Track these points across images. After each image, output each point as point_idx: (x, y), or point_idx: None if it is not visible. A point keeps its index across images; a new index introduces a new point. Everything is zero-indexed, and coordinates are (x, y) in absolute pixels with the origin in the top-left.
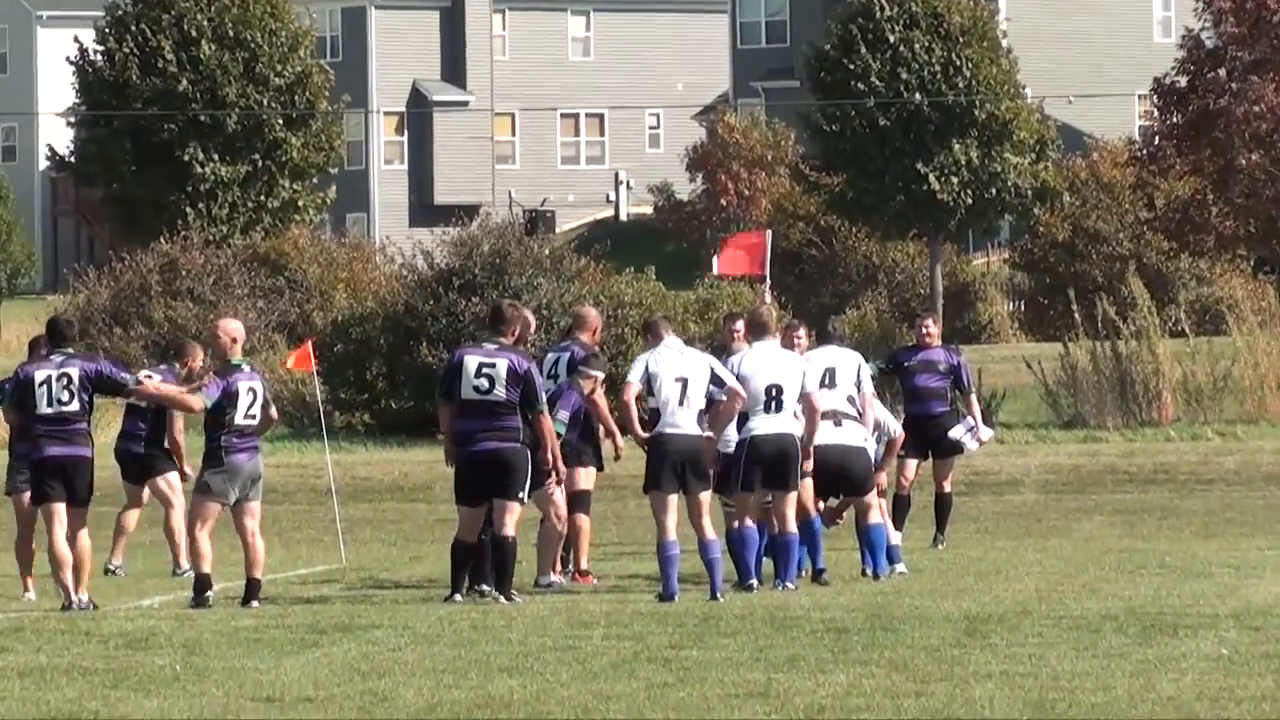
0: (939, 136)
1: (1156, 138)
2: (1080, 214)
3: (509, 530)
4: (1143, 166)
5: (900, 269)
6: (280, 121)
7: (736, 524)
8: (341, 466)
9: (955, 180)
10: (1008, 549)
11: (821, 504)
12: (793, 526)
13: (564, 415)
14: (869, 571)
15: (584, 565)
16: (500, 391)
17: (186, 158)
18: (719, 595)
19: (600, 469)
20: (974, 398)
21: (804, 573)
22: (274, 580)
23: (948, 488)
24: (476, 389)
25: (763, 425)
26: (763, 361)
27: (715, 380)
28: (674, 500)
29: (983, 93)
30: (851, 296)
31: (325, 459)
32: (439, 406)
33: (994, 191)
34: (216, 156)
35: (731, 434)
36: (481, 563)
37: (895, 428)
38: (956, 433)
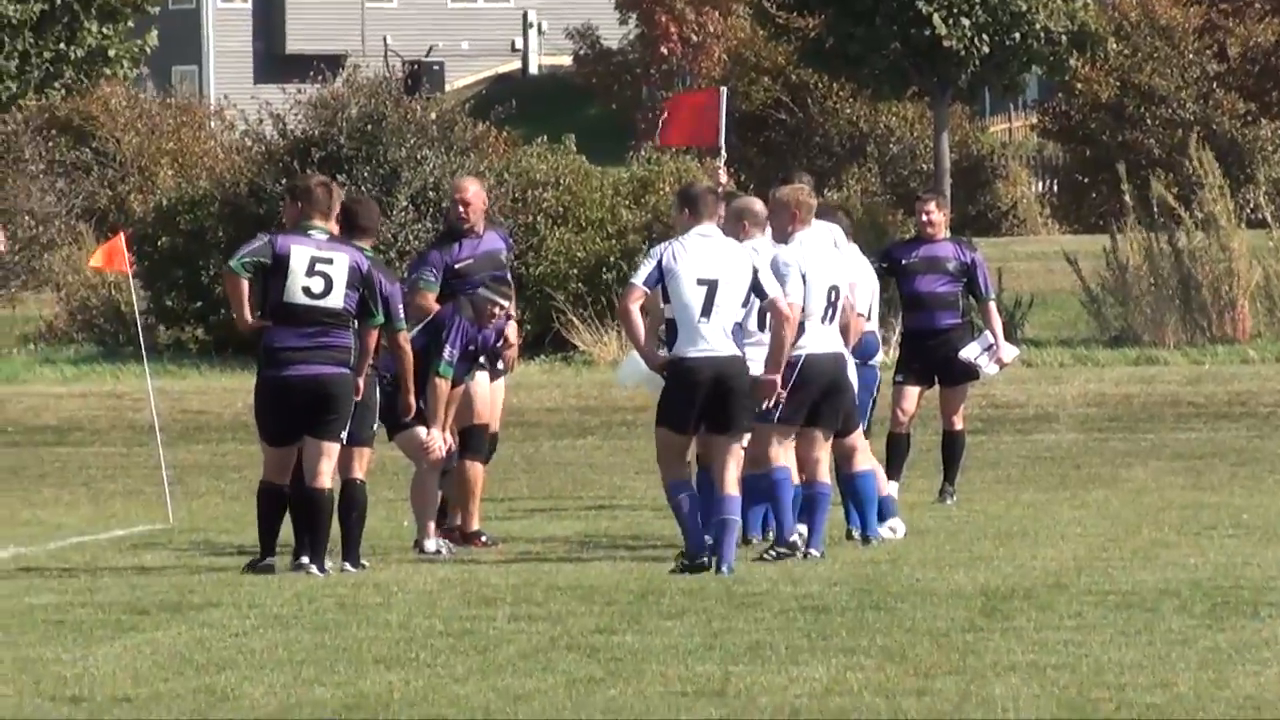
0: None
1: None
2: (1130, 66)
3: (323, 480)
4: (1212, 4)
5: (895, 138)
6: None
7: (770, 465)
8: (168, 397)
9: (967, 22)
10: (1037, 504)
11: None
12: (827, 475)
13: (450, 353)
14: (856, 533)
15: (475, 525)
16: (338, 297)
17: None
18: (728, 567)
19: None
20: (993, 306)
21: (754, 539)
22: (81, 545)
23: (959, 424)
24: (307, 291)
25: (815, 341)
26: (814, 254)
27: (757, 288)
28: (688, 444)
29: None
30: (832, 174)
31: (146, 386)
32: (230, 274)
33: (1017, 36)
34: None
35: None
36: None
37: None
38: (970, 352)
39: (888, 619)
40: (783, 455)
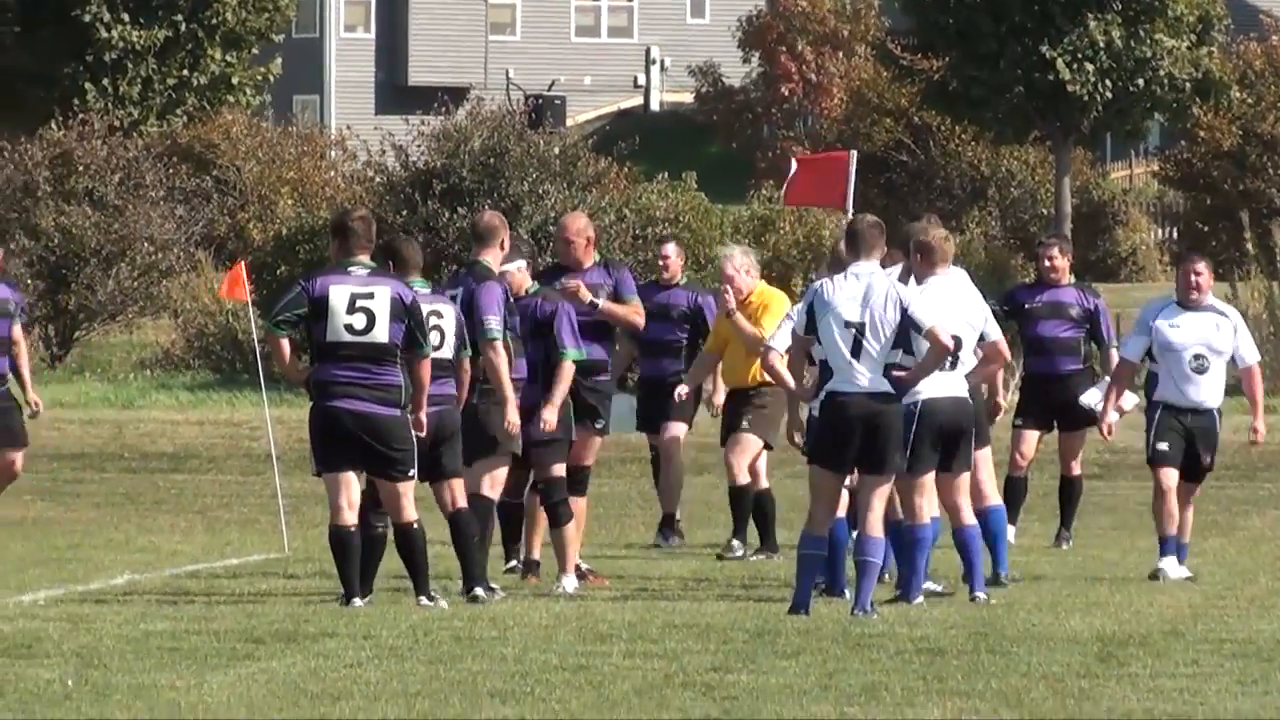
0: (1070, 10)
1: None
2: (1254, 115)
3: (407, 515)
4: None
5: (1017, 182)
6: None
7: (914, 519)
8: (285, 425)
9: (1091, 67)
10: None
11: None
12: (970, 517)
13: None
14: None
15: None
16: (383, 331)
17: (87, 18)
18: (868, 609)
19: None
20: (1114, 353)
21: (888, 577)
22: (196, 573)
23: (1077, 469)
24: (350, 329)
25: (933, 386)
26: (939, 300)
27: (911, 323)
28: (839, 485)
29: None
30: (954, 216)
31: (263, 415)
32: (270, 335)
33: (1141, 83)
34: (126, 17)
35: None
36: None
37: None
38: (1090, 398)
39: (1003, 663)
40: (927, 510)
